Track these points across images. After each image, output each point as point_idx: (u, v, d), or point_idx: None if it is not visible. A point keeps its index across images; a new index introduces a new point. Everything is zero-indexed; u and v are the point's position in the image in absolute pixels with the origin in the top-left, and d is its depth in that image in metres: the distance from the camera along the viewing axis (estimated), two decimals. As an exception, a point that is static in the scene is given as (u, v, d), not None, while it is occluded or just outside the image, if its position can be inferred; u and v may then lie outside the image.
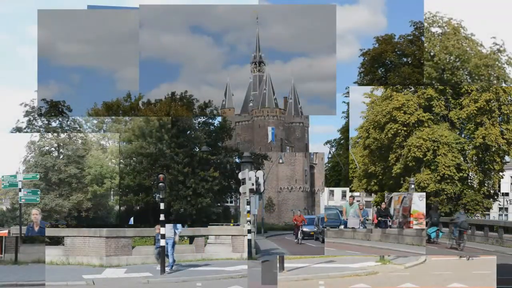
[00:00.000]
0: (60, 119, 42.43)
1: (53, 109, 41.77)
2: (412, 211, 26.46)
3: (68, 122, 42.99)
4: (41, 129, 42.13)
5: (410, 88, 37.19)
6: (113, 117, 44.63)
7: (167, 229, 18.27)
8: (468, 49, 36.62)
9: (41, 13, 37.99)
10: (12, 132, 42.22)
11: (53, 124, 42.49)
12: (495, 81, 36.24)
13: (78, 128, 43.82)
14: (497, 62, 36.55)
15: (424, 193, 29.99)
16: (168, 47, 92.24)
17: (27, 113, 41.56)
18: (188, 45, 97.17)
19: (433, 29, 37.49)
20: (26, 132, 41.79)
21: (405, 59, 39.18)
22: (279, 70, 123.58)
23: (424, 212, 25.11)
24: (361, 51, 39.61)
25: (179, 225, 18.55)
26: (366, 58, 39.25)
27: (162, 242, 17.95)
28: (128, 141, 42.49)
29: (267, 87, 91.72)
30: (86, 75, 59.61)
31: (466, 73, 36.89)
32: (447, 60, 36.41)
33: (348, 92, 46.60)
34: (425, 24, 37.42)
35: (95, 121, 45.56)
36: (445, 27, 37.08)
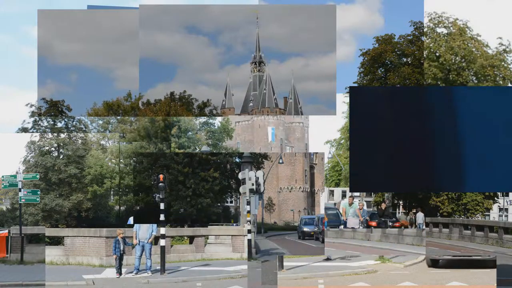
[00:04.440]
0: (66, 119, 42.47)
1: (53, 108, 41.77)
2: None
3: (74, 123, 43.04)
4: (47, 129, 42.15)
5: (410, 89, 37.21)
6: (118, 117, 44.72)
7: (142, 231, 18.00)
8: (474, 49, 36.65)
9: (41, 13, 38.05)
10: (18, 132, 42.32)
11: (59, 125, 42.51)
12: (501, 82, 36.30)
13: (84, 129, 43.87)
14: (503, 63, 36.62)
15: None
16: (165, 47, 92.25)
17: (32, 114, 41.62)
18: (185, 45, 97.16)
19: (439, 30, 37.52)
20: (32, 132, 41.87)
21: (405, 59, 39.19)
22: (279, 70, 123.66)
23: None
24: (361, 51, 39.64)
25: (154, 226, 18.36)
26: (366, 58, 39.26)
27: (162, 242, 17.94)
28: (132, 141, 42.56)
29: (267, 87, 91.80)
30: (84, 74, 59.63)
31: (472, 73, 36.92)
32: (453, 61, 36.44)
33: (348, 92, 46.63)
34: (431, 25, 37.42)
35: (100, 122, 45.66)
36: (451, 28, 37.12)
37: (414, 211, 33.74)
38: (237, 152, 53.78)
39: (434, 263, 18.26)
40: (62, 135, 42.53)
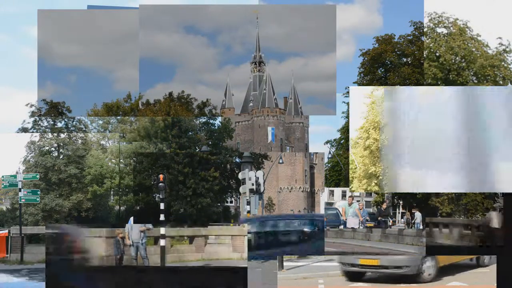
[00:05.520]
0: (66, 119, 42.49)
1: (53, 109, 41.81)
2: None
3: (74, 123, 43.06)
4: (47, 129, 42.16)
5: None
6: (118, 117, 44.71)
7: (135, 231, 17.90)
8: (474, 49, 36.66)
9: (41, 13, 38.06)
10: (18, 132, 42.32)
11: (59, 125, 42.52)
12: (501, 82, 36.32)
13: (84, 129, 43.87)
14: (503, 63, 36.64)
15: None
16: (164, 47, 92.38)
17: (32, 114, 41.65)
18: (184, 45, 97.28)
19: (439, 30, 37.54)
20: (32, 132, 41.89)
21: (405, 59, 39.23)
22: (278, 70, 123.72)
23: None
24: (361, 51, 39.72)
25: (149, 225, 18.27)
26: (366, 58, 39.31)
27: (162, 242, 17.94)
28: (132, 141, 42.55)
29: (267, 87, 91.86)
30: (83, 75, 59.59)
31: (472, 73, 36.94)
32: (453, 61, 36.45)
33: (348, 92, 46.63)
34: (431, 25, 37.45)
35: (100, 122, 45.65)
36: (451, 28, 37.14)
37: (413, 211, 33.76)
38: (237, 152, 53.79)
39: (354, 277, 15.63)
40: (62, 135, 42.51)
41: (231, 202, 63.82)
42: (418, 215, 31.33)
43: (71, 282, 14.52)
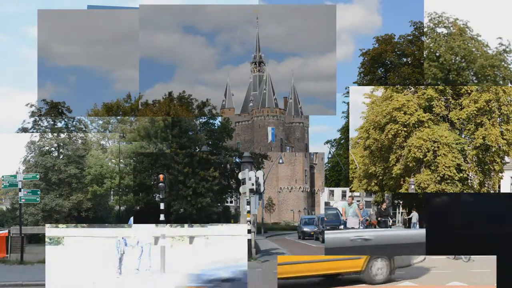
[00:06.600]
0: (66, 119, 42.51)
1: (53, 109, 41.84)
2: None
3: (74, 123, 43.09)
4: (47, 129, 42.19)
5: (410, 89, 37.29)
6: (118, 117, 44.74)
7: (145, 231, 17.78)
8: (474, 49, 36.69)
9: (41, 13, 38.13)
10: (17, 132, 42.33)
11: (59, 125, 42.55)
12: (501, 82, 36.34)
13: (84, 129, 43.90)
14: (503, 63, 36.65)
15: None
16: (163, 47, 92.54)
17: (32, 114, 41.67)
18: (183, 45, 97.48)
19: (439, 30, 37.59)
20: (32, 132, 41.92)
21: (405, 59, 39.25)
22: (277, 70, 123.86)
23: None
24: (361, 51, 39.78)
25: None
26: (365, 58, 39.34)
27: (162, 242, 17.89)
28: (132, 141, 42.59)
29: (267, 87, 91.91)
30: (83, 75, 59.71)
31: (472, 73, 36.97)
32: (453, 61, 36.48)
33: (348, 92, 46.68)
34: (431, 25, 37.50)
35: (100, 122, 45.68)
36: (451, 28, 37.17)
37: (412, 211, 33.75)
38: (237, 152, 53.82)
39: None
40: (62, 135, 42.52)
41: (231, 202, 63.83)
42: (415, 215, 31.34)
43: None
